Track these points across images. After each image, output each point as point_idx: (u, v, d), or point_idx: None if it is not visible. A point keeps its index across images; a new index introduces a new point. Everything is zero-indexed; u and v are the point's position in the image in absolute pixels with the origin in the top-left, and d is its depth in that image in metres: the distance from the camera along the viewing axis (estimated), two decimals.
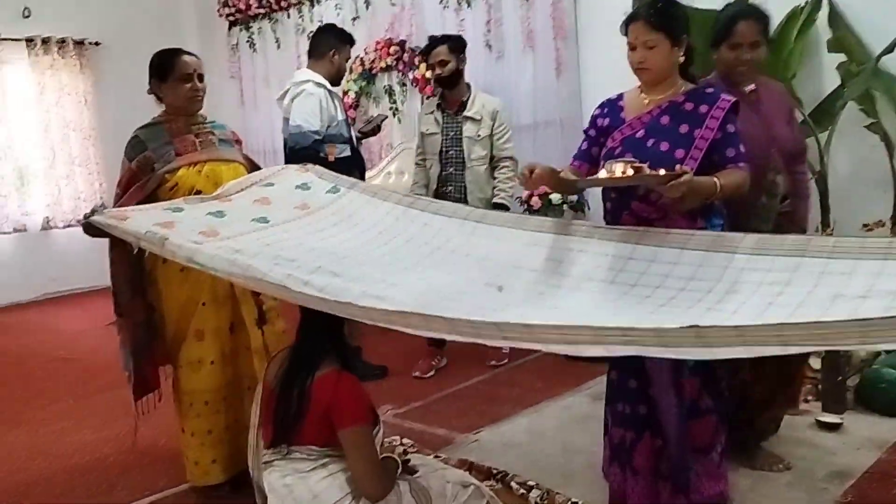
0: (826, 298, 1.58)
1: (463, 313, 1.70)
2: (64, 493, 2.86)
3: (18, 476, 3.03)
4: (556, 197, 4.64)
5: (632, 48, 2.28)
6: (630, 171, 2.04)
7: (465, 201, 3.97)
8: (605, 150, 2.38)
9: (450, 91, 4.17)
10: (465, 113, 4.13)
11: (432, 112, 4.25)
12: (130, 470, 3.04)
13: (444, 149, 4.20)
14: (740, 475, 2.69)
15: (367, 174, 6.18)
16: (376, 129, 4.53)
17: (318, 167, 2.85)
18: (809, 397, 3.34)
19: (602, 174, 2.14)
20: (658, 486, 2.39)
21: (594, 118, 2.47)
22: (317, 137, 3.89)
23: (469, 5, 5.38)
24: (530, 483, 2.62)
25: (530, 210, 4.65)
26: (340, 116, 4.06)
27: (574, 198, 4.61)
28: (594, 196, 3.49)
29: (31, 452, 3.27)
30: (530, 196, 4.68)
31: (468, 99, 4.15)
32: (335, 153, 3.94)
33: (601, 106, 2.48)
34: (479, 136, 4.11)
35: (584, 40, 4.86)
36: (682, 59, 2.30)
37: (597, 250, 2.13)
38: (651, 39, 2.23)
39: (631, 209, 2.31)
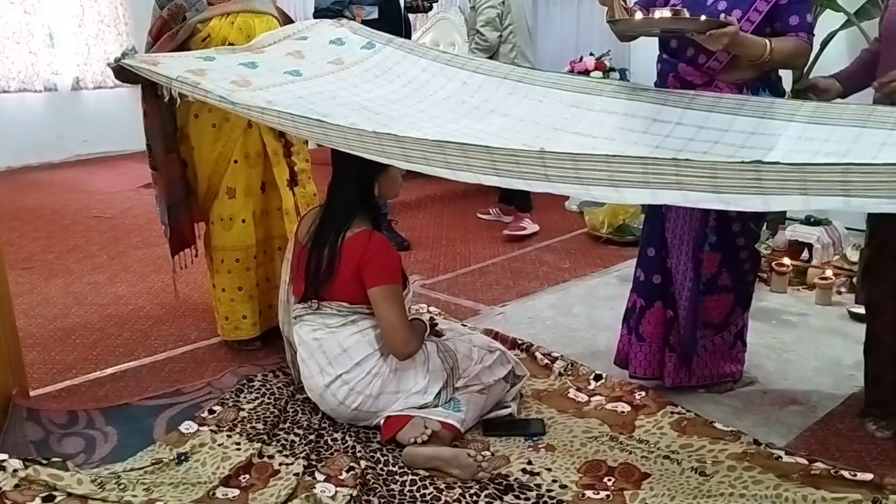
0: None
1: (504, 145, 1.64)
2: (101, 340, 2.94)
3: (57, 322, 3.11)
4: (596, 75, 4.48)
5: None
6: (667, 12, 1.97)
7: None
8: (665, 5, 2.26)
9: None
10: None
11: None
12: (164, 321, 3.11)
13: None
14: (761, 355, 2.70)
15: None
16: (427, 6, 4.28)
17: (353, 22, 2.75)
18: (843, 289, 3.30)
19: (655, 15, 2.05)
20: (664, 355, 2.41)
21: None
22: None
23: None
24: (555, 354, 2.65)
25: None
26: None
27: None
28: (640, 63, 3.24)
29: (68, 301, 3.35)
30: (570, 71, 4.52)
31: None
32: (362, 15, 3.81)
33: None
34: None
35: None
36: None
37: (644, 114, 2.04)
38: None
39: (678, 72, 2.24)
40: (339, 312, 2.16)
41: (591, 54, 4.54)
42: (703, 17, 1.99)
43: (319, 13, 3.78)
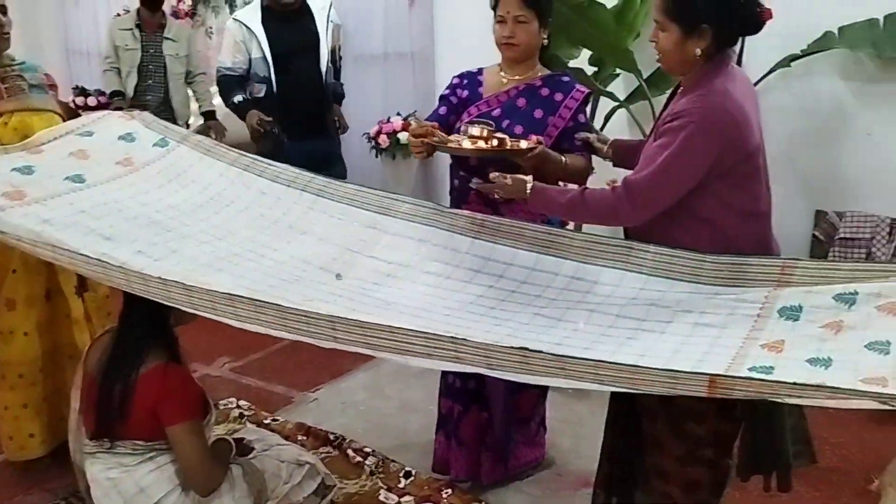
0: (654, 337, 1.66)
1: (296, 303, 1.67)
2: None
3: None
4: (404, 136, 4.58)
5: (501, 21, 2.28)
6: (493, 142, 2.11)
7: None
8: (460, 123, 2.38)
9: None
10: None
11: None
12: None
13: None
14: None
15: None
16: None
17: (146, 114, 2.62)
18: None
19: (463, 141, 2.18)
20: (481, 456, 2.54)
21: (454, 87, 2.47)
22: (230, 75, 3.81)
23: None
24: (366, 450, 2.69)
25: (378, 149, 4.57)
26: (256, 54, 3.82)
27: None
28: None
29: None
30: (378, 133, 4.58)
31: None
32: (255, 92, 3.83)
33: (461, 76, 2.48)
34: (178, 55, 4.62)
35: None
36: (545, 41, 2.34)
37: (436, 241, 2.12)
38: (523, 15, 2.25)
39: (478, 189, 2.33)
40: (135, 451, 2.06)
41: (399, 114, 4.64)
42: (523, 144, 2.15)
43: (223, 75, 3.82)
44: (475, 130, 2.17)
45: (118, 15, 5.35)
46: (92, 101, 5.56)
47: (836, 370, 1.31)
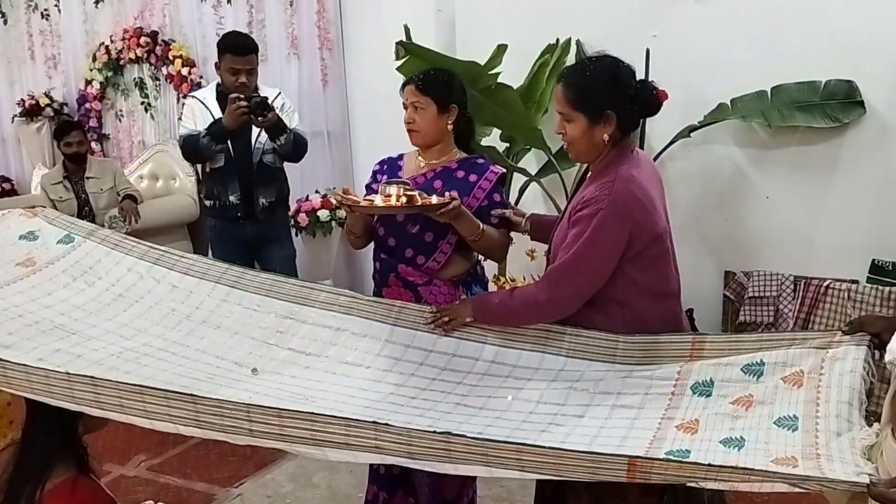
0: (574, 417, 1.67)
1: (209, 391, 1.62)
2: None
3: None
4: (324, 213, 4.57)
5: (404, 108, 2.37)
6: (403, 199, 2.14)
7: None
8: (378, 185, 2.39)
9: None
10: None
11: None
12: None
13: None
14: None
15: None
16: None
17: (49, 210, 2.53)
18: None
19: (378, 199, 2.21)
20: None
21: (375, 173, 2.52)
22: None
23: (229, 2, 5.05)
24: None
25: (297, 227, 4.53)
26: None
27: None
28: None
29: None
30: (297, 211, 4.56)
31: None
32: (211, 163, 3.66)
33: (381, 162, 2.53)
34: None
35: (350, 52, 4.79)
36: (450, 126, 2.39)
37: (356, 330, 2.11)
38: (419, 101, 2.33)
39: (398, 272, 2.36)
40: None
41: (317, 192, 4.64)
42: (434, 199, 2.17)
43: (187, 143, 3.58)
44: (392, 190, 2.20)
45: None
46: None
47: (748, 451, 1.35)
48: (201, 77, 5.18)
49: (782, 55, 3.43)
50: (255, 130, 3.60)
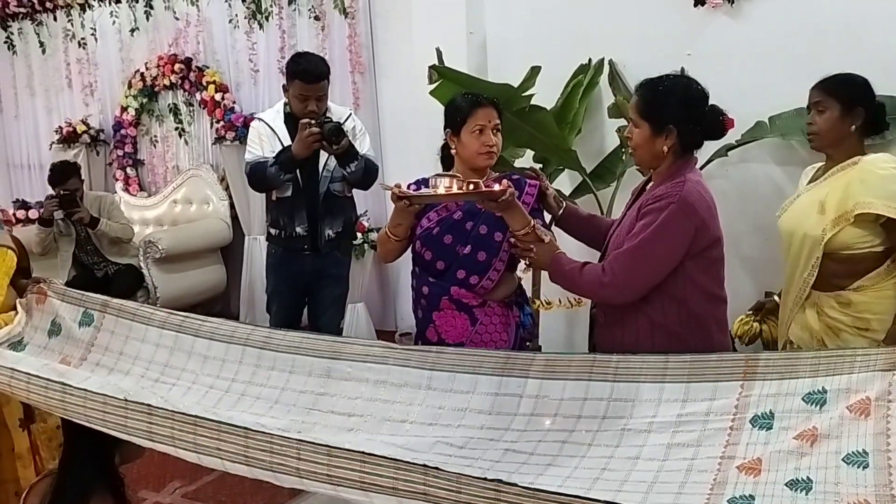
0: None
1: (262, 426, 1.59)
2: None
3: None
4: (356, 237, 4.55)
5: (496, 130, 2.36)
6: (469, 185, 2.15)
7: None
8: (421, 230, 2.39)
9: None
10: None
11: None
12: None
13: None
14: None
15: (150, 200, 5.71)
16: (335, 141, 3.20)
17: (55, 286, 2.30)
18: None
19: (438, 189, 2.19)
20: None
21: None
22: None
23: (262, 28, 5.12)
24: None
25: None
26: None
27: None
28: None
29: None
30: None
31: None
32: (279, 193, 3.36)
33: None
34: None
35: (381, 76, 4.81)
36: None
37: (394, 380, 2.00)
38: (499, 123, 2.38)
39: (451, 294, 2.34)
40: None
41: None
42: (497, 187, 2.16)
43: (254, 171, 3.29)
44: (446, 182, 2.21)
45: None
46: (33, 213, 5.47)
47: (816, 494, 1.28)
48: (234, 102, 5.24)
49: (819, 72, 3.34)
50: (322, 156, 3.30)
